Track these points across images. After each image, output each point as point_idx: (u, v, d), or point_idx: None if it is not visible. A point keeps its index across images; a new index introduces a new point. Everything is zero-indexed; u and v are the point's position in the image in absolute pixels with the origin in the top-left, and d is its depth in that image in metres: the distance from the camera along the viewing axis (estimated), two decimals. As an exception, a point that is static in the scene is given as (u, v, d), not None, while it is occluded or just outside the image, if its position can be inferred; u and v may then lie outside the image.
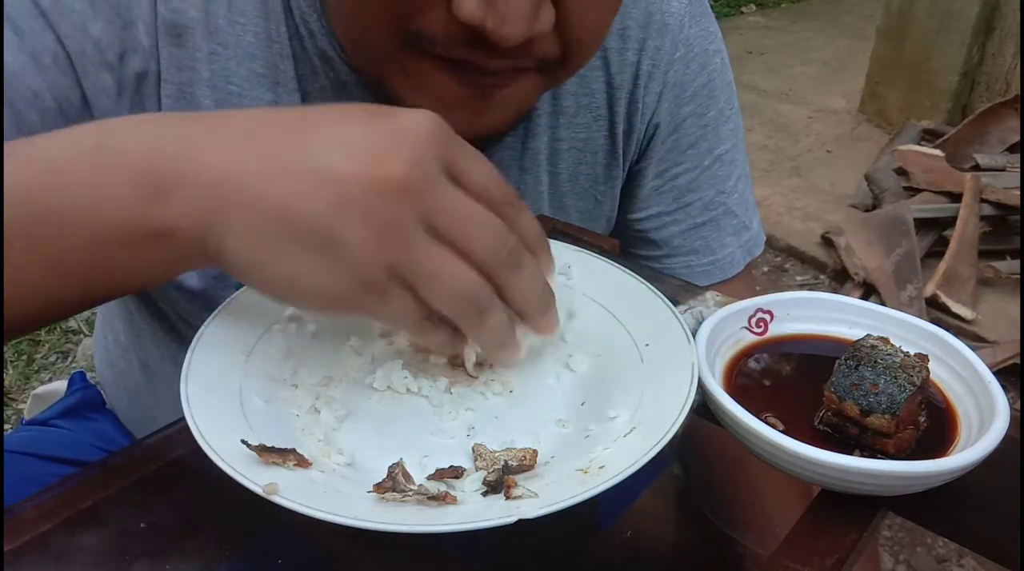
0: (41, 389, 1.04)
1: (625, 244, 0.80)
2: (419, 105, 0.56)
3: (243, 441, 0.41)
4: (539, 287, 0.47)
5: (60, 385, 0.94)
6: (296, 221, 0.40)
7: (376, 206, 0.40)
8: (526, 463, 0.43)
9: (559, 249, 0.58)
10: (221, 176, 0.41)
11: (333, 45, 0.60)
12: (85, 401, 0.86)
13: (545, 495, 0.39)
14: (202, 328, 0.49)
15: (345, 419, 0.47)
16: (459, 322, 0.44)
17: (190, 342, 0.47)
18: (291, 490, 0.38)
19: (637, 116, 0.70)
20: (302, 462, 0.42)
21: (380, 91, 0.59)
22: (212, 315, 0.50)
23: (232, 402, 0.45)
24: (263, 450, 0.41)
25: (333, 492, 0.40)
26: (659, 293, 0.52)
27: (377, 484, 0.40)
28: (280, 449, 0.41)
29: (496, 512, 0.38)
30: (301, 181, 0.40)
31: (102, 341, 0.85)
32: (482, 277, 0.43)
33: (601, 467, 0.40)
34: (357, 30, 0.55)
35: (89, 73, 0.56)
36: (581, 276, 0.56)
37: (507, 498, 0.40)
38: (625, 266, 0.55)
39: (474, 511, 0.40)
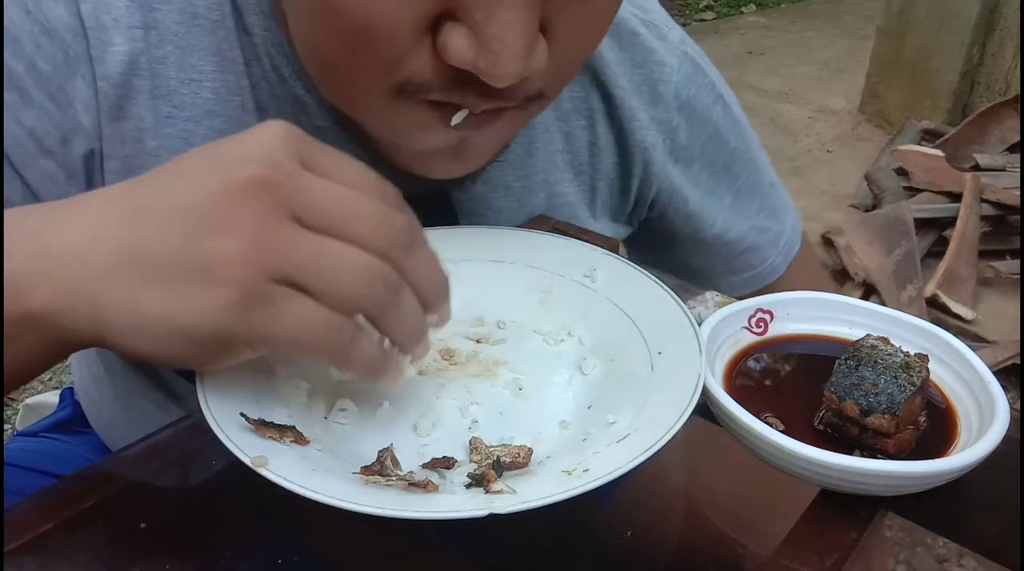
0: (32, 400, 1.06)
1: (664, 270, 0.82)
2: (404, 154, 0.55)
3: (242, 414, 0.41)
4: (439, 271, 0.43)
5: (51, 397, 0.94)
6: (154, 258, 0.38)
7: (232, 214, 0.37)
8: (519, 460, 0.43)
9: (586, 251, 0.58)
10: (74, 249, 0.39)
11: (308, 89, 0.57)
12: (75, 417, 0.86)
13: (524, 493, 0.39)
14: None
15: (355, 403, 0.47)
16: (371, 308, 0.39)
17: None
18: (280, 466, 0.39)
19: (634, 180, 0.70)
20: (300, 439, 0.42)
21: (359, 133, 0.57)
22: None
23: (244, 376, 0.45)
24: (262, 424, 0.41)
25: (323, 472, 0.41)
26: (682, 304, 0.51)
27: (364, 467, 0.41)
28: (279, 425, 0.42)
29: (471, 505, 0.38)
30: (150, 220, 0.38)
31: (78, 372, 0.85)
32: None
33: (585, 470, 0.40)
34: (342, 83, 0.51)
35: (28, 165, 0.52)
36: (605, 280, 0.56)
37: (486, 492, 0.40)
38: (651, 273, 0.55)
39: (451, 502, 0.40)
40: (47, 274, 0.38)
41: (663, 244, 0.77)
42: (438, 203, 0.64)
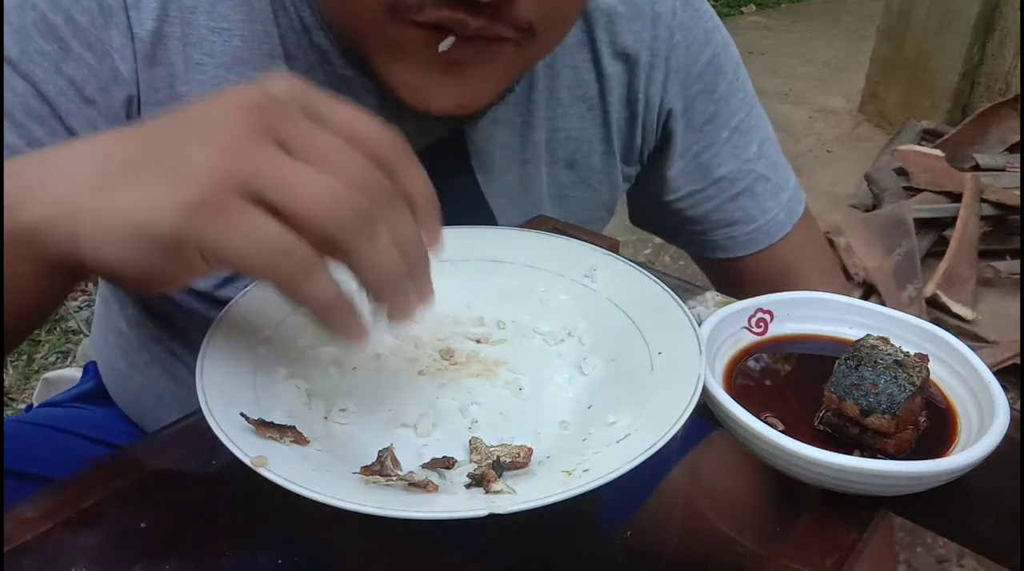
0: (52, 374, 1.05)
1: (667, 231, 0.83)
2: (400, 80, 0.56)
3: (242, 414, 0.41)
4: (417, 235, 0.41)
5: (70, 372, 0.94)
6: (136, 162, 0.38)
7: (217, 127, 0.38)
8: (519, 460, 0.43)
9: (586, 251, 0.58)
10: (70, 161, 0.40)
11: (329, 39, 0.60)
12: (99, 390, 0.86)
13: (524, 493, 0.39)
14: (232, 301, 0.50)
15: (355, 403, 0.48)
16: (338, 234, 0.38)
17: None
18: (280, 465, 0.39)
19: (639, 105, 0.72)
20: (299, 439, 0.42)
21: (376, 81, 0.59)
22: (243, 292, 0.51)
23: (245, 376, 0.46)
24: (262, 424, 0.41)
25: (322, 471, 0.41)
26: (682, 304, 0.52)
27: (365, 467, 0.41)
28: (279, 425, 0.42)
29: (471, 505, 0.38)
30: (145, 134, 0.40)
31: (100, 343, 0.85)
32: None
33: (585, 470, 0.40)
34: (340, 3, 0.54)
35: (72, 111, 0.55)
36: (605, 280, 0.56)
37: (486, 492, 0.40)
38: (651, 272, 0.55)
39: (451, 502, 0.40)
40: (39, 189, 0.40)
41: (664, 189, 0.77)
42: (452, 148, 0.66)
